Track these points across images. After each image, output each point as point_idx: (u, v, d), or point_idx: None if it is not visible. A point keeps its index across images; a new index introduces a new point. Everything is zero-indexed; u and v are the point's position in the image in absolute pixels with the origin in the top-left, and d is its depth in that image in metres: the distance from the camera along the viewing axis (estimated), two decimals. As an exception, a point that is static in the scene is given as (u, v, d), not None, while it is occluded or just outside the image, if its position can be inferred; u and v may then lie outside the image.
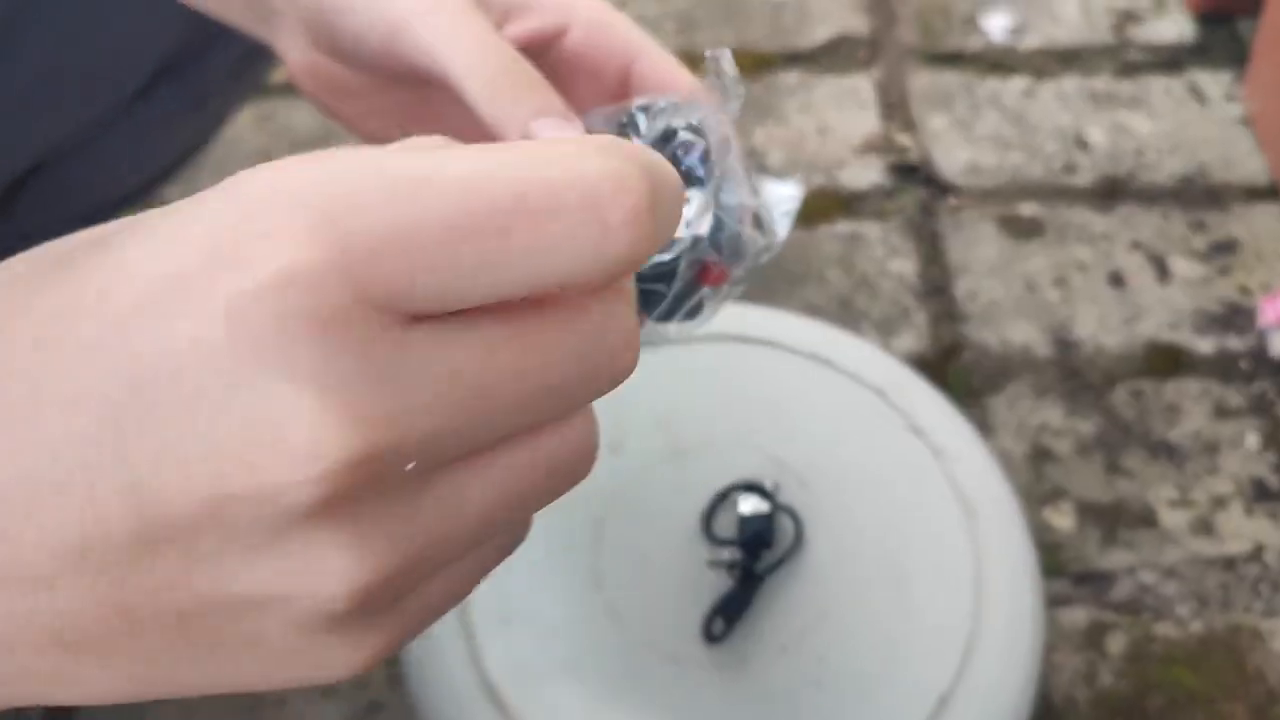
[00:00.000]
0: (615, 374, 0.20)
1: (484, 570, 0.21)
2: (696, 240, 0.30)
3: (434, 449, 0.18)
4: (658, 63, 0.34)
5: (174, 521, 0.18)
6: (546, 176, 0.18)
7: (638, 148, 0.19)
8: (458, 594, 0.21)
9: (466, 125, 0.35)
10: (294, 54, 0.36)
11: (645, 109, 0.32)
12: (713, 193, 0.30)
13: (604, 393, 0.20)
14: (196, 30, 0.36)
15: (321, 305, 0.17)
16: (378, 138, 0.37)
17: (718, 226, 0.30)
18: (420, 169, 0.18)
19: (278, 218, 0.17)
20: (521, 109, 0.30)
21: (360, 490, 0.18)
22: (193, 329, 0.17)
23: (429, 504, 0.19)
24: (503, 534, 0.21)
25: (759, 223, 0.32)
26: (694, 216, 0.30)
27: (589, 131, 0.31)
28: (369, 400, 0.17)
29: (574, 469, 0.21)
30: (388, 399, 0.18)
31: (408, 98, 0.36)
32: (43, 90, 0.46)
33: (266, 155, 0.88)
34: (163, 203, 0.22)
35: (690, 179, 0.31)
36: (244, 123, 0.89)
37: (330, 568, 0.18)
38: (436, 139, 0.20)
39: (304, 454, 0.17)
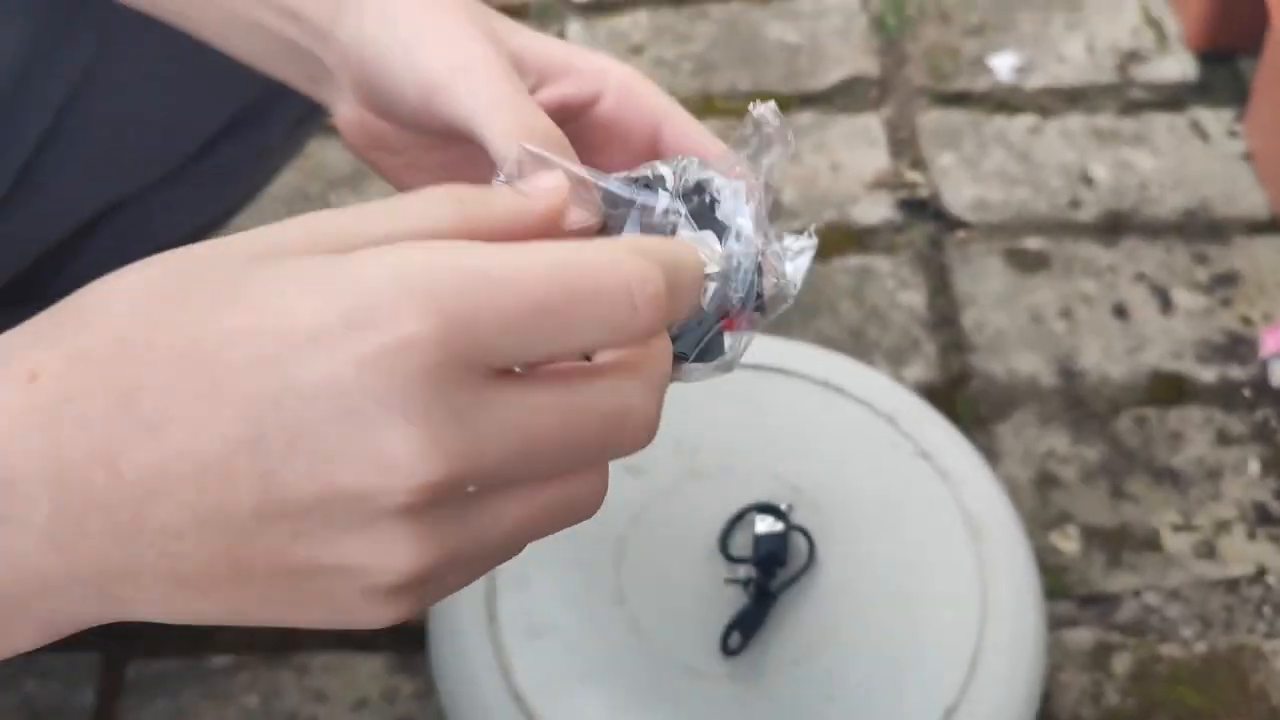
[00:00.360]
0: (631, 443, 0.26)
1: (488, 570, 0.27)
2: (719, 290, 0.32)
3: (490, 478, 0.25)
4: (684, 128, 0.36)
5: (290, 504, 0.24)
6: (594, 271, 0.25)
7: (661, 245, 0.27)
8: (466, 584, 0.27)
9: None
10: (342, 110, 0.38)
11: (673, 167, 0.33)
12: (736, 244, 0.33)
13: (620, 456, 0.26)
14: (261, 90, 0.38)
15: (425, 364, 0.23)
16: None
17: (743, 279, 0.33)
18: (503, 264, 0.24)
19: (396, 300, 0.23)
20: (526, 133, 0.32)
21: (432, 503, 0.24)
22: (331, 369, 0.23)
23: (476, 517, 0.25)
24: (512, 551, 0.27)
25: (778, 274, 0.34)
26: (720, 267, 0.32)
27: (609, 194, 0.33)
28: (453, 438, 0.24)
29: (584, 511, 0.27)
30: (466, 438, 0.24)
31: (446, 156, 0.38)
32: (115, 147, 0.49)
33: (302, 192, 0.92)
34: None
35: (718, 230, 0.33)
36: (280, 161, 0.93)
37: (398, 552, 0.24)
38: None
39: (402, 471, 0.23)
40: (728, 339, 0.33)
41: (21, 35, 0.45)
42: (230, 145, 0.54)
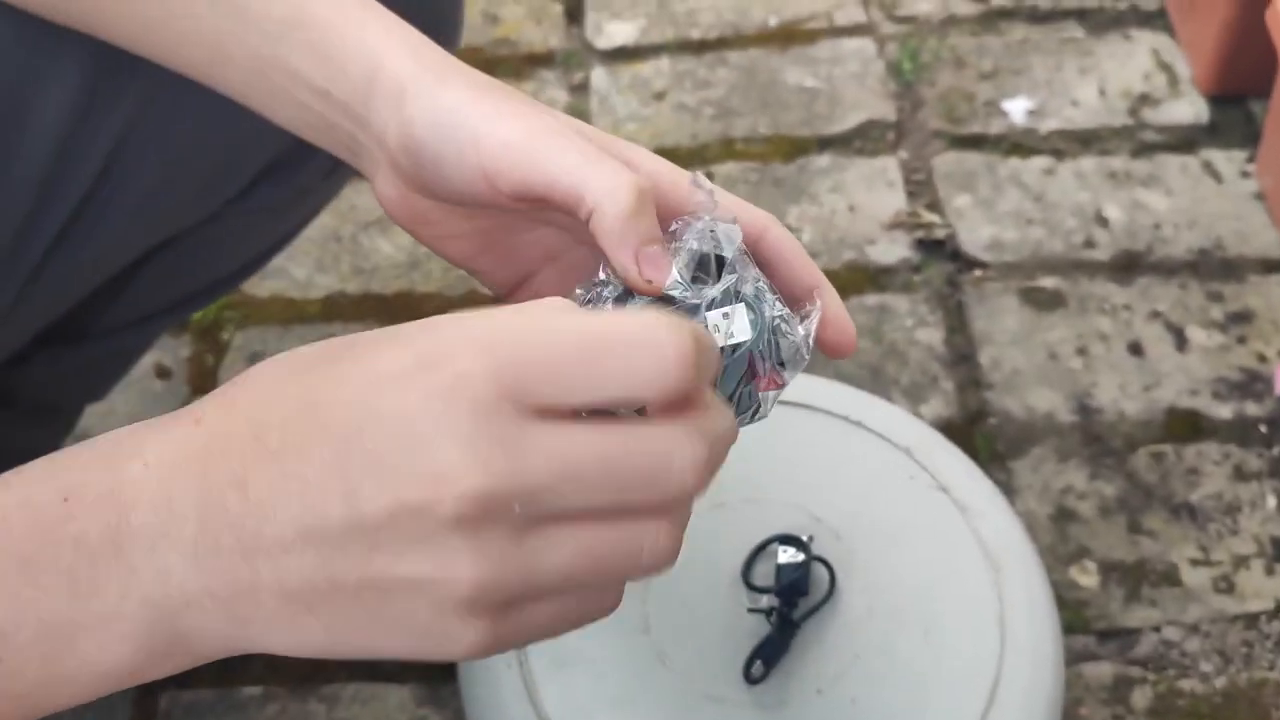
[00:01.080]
0: (678, 484, 0.29)
1: (574, 618, 0.30)
2: (751, 353, 0.35)
3: (533, 500, 0.28)
4: (657, 171, 0.37)
5: (368, 518, 0.28)
6: (628, 328, 0.28)
7: (685, 321, 0.29)
8: (552, 629, 0.30)
9: (532, 246, 0.40)
10: (382, 187, 0.40)
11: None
12: (759, 306, 0.35)
13: (674, 496, 0.29)
14: (298, 140, 0.40)
15: (476, 396, 0.28)
16: (455, 258, 0.41)
17: (774, 339, 0.36)
18: (552, 319, 0.29)
19: (458, 346, 0.28)
20: (638, 234, 0.35)
21: (481, 516, 0.28)
22: (402, 401, 0.28)
23: (528, 542, 0.28)
24: (590, 594, 0.30)
25: (793, 334, 0.36)
26: (744, 329, 0.35)
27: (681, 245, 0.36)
28: (493, 456, 0.28)
29: (651, 560, 0.29)
30: (506, 458, 0.28)
31: (481, 224, 0.40)
32: (161, 192, 0.51)
33: (334, 234, 0.94)
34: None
35: (739, 294, 0.35)
36: (311, 204, 0.95)
37: (459, 563, 0.28)
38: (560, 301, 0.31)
39: (448, 481, 0.27)
40: (760, 396, 0.36)
41: (72, 88, 0.47)
42: (270, 186, 0.56)
